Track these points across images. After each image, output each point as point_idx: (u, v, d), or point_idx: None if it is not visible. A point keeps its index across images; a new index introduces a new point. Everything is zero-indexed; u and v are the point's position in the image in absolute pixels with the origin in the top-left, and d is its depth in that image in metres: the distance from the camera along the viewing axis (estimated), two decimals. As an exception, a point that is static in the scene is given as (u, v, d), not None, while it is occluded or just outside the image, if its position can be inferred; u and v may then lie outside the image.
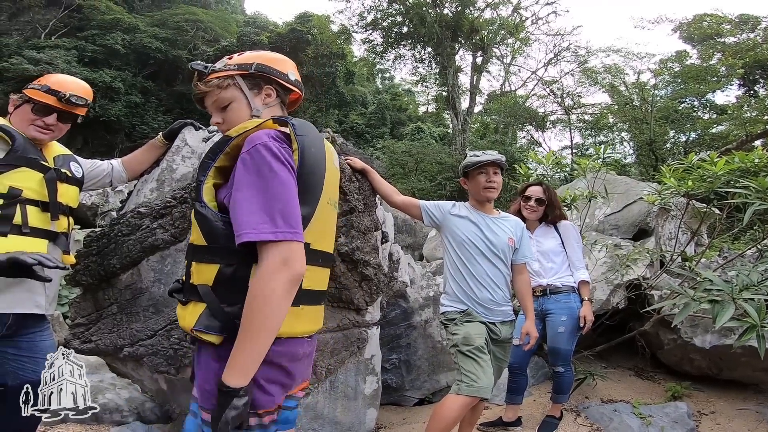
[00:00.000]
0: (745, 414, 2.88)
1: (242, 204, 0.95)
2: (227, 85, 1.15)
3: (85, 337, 1.97)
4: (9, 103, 1.68)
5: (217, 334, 0.98)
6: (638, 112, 13.90)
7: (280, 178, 0.97)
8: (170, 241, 1.99)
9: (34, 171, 1.56)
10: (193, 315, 1.00)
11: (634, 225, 4.22)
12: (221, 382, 0.92)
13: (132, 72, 21.78)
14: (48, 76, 1.72)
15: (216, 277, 0.99)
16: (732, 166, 2.68)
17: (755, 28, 15.06)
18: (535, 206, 2.72)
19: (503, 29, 18.94)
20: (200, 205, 1.01)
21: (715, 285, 2.09)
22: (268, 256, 0.93)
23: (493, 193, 2.17)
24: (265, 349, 0.95)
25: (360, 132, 23.02)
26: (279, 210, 0.95)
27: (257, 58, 1.19)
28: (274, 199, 0.95)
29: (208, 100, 1.20)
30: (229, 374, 0.93)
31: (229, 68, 1.17)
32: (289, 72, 1.23)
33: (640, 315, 3.32)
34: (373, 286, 2.23)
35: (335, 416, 2.23)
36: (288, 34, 22.93)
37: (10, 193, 1.48)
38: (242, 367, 0.93)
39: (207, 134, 2.25)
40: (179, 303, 1.08)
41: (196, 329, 0.98)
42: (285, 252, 0.93)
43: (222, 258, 0.99)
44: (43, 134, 1.65)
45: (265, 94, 1.19)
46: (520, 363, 2.73)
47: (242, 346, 0.93)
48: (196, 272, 1.03)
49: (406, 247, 7.23)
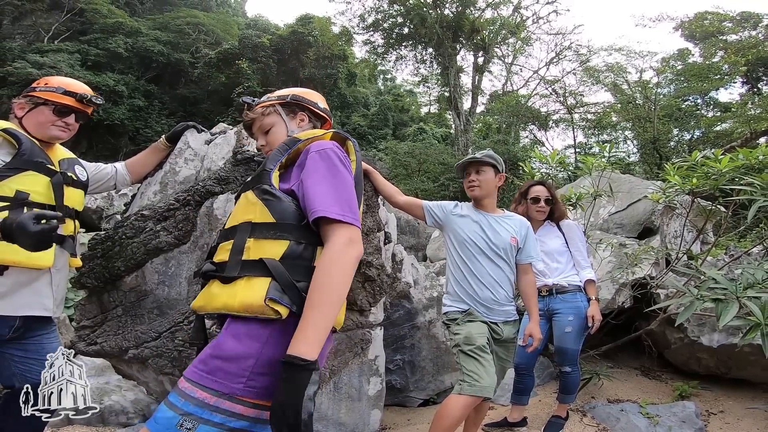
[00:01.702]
0: (755, 413, 2.86)
1: (315, 190, 1.07)
2: (269, 112, 1.37)
3: (90, 340, 1.97)
4: (14, 108, 1.68)
5: (288, 306, 0.99)
6: (641, 111, 13.85)
7: (345, 176, 1.13)
8: (174, 243, 1.99)
9: (41, 175, 1.57)
10: (251, 289, 1.00)
11: (639, 223, 4.20)
12: (294, 356, 0.90)
13: (135, 75, 21.89)
14: (48, 78, 1.73)
15: (285, 252, 1.05)
16: (737, 164, 2.66)
17: (757, 26, 15.01)
18: (544, 207, 2.70)
19: (504, 29, 18.93)
20: (272, 187, 1.12)
21: (719, 284, 2.07)
22: (337, 235, 1.03)
23: (474, 191, 2.19)
24: (333, 320, 0.98)
25: (362, 133, 23.02)
26: (345, 199, 1.08)
27: (292, 91, 1.42)
28: (340, 191, 1.09)
29: (254, 126, 1.40)
30: (303, 345, 0.91)
31: (270, 99, 1.41)
32: (318, 101, 1.45)
33: (647, 314, 3.30)
34: (376, 287, 2.23)
35: (339, 417, 2.23)
36: (289, 36, 23.00)
37: (17, 196, 1.49)
38: (316, 337, 0.93)
39: (209, 137, 2.26)
40: (216, 283, 1.07)
41: (271, 297, 0.98)
42: (350, 233, 1.04)
43: (292, 235, 1.07)
44: (64, 133, 1.68)
45: (299, 119, 1.39)
46: (527, 363, 2.71)
47: (316, 315, 0.95)
48: (255, 247, 1.06)
49: (410, 247, 7.23)
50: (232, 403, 0.94)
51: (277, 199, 1.10)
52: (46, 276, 1.58)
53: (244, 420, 0.96)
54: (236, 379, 0.95)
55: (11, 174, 1.49)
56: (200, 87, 23.84)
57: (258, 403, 0.97)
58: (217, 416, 0.93)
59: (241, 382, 0.95)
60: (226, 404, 0.94)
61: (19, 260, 1.46)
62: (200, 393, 0.95)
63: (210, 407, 0.94)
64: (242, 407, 0.95)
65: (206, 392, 0.95)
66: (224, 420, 0.94)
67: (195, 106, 23.30)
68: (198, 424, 0.92)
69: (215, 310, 1.06)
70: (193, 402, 0.94)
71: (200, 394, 0.95)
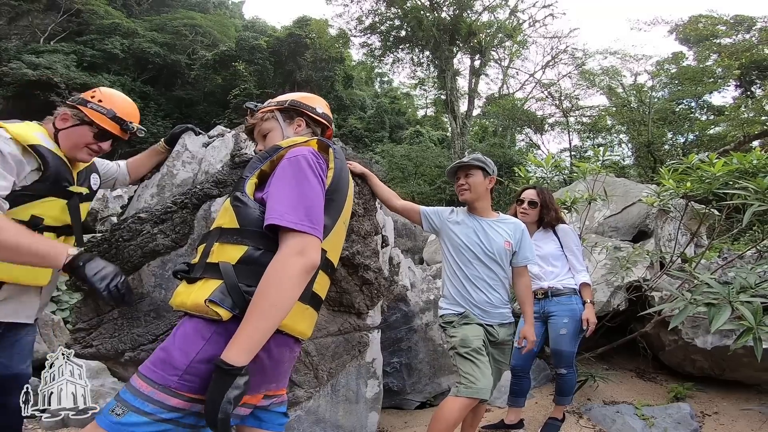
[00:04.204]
0: (749, 414, 2.88)
1: (275, 196, 1.08)
2: (268, 118, 1.39)
3: (86, 342, 1.96)
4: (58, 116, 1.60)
5: (228, 309, 1.00)
6: (636, 114, 13.94)
7: (311, 184, 1.11)
8: (171, 246, 1.99)
9: (59, 199, 1.55)
10: (204, 289, 1.03)
11: (634, 227, 4.23)
12: (221, 360, 0.93)
13: (131, 77, 21.83)
14: (102, 93, 1.66)
15: (241, 257, 1.06)
16: (730, 167, 2.69)
17: (750, 29, 15.14)
18: (527, 209, 2.73)
19: (501, 32, 19.01)
20: (242, 194, 1.14)
21: (713, 288, 2.09)
22: (288, 243, 1.03)
23: (464, 194, 2.22)
24: (271, 330, 0.98)
25: (359, 136, 23.04)
26: (305, 207, 1.07)
27: (291, 96, 1.44)
28: (302, 198, 1.08)
29: (255, 130, 1.43)
30: (234, 351, 0.94)
31: (270, 105, 1.43)
32: (317, 106, 1.45)
33: (641, 317, 3.32)
34: (373, 290, 2.23)
35: (337, 420, 2.23)
36: (286, 38, 23.03)
37: (32, 221, 1.47)
38: (247, 345, 0.95)
39: (207, 139, 2.26)
40: (184, 282, 1.11)
41: (211, 299, 1.00)
42: (303, 242, 1.03)
43: (252, 240, 1.08)
44: (91, 157, 1.65)
45: (296, 125, 1.40)
46: (523, 365, 2.72)
47: (251, 323, 0.96)
48: (218, 251, 1.09)
49: (406, 250, 7.23)
50: (165, 395, 0.96)
51: (244, 206, 1.12)
52: (36, 288, 1.58)
53: (178, 412, 0.97)
54: (172, 372, 0.97)
55: (31, 200, 1.46)
56: (196, 89, 23.81)
57: (194, 398, 0.98)
58: (148, 406, 0.95)
59: (177, 375, 0.97)
60: (160, 395, 0.96)
61: (17, 278, 1.46)
62: (139, 382, 0.98)
63: (143, 396, 0.96)
64: (177, 400, 0.97)
65: (144, 381, 0.98)
66: (156, 410, 0.95)
67: (191, 107, 23.25)
68: (127, 411, 0.94)
69: (176, 307, 1.10)
70: (130, 390, 0.98)
71: (138, 383, 0.98)
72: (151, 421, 0.94)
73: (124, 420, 0.93)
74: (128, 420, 0.93)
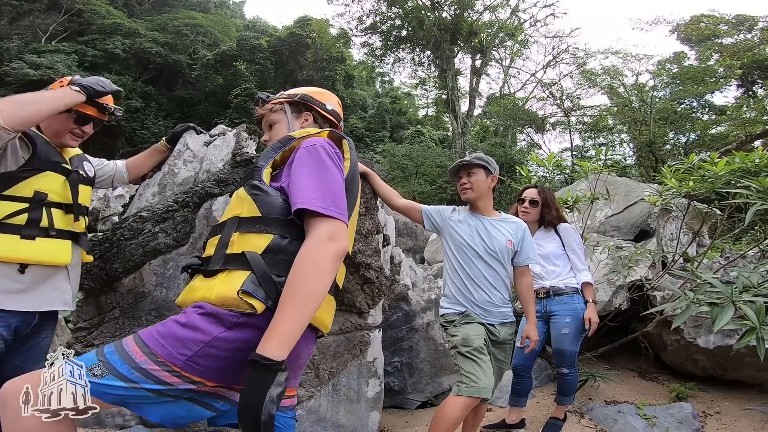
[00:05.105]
0: (751, 414, 2.87)
1: (300, 184, 1.06)
2: (276, 109, 1.40)
3: (87, 341, 1.97)
4: None
5: (262, 301, 0.96)
6: (637, 114, 13.91)
7: (333, 172, 1.10)
8: (172, 245, 1.99)
9: (57, 174, 1.57)
10: (229, 281, 0.98)
11: (636, 226, 4.22)
12: (259, 355, 0.86)
13: (132, 76, 21.84)
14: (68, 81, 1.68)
15: (268, 246, 1.03)
16: (732, 167, 2.68)
17: (752, 29, 15.11)
18: (528, 208, 2.73)
19: (502, 32, 19.00)
20: (260, 182, 1.12)
21: (715, 287, 2.08)
22: (318, 228, 1.00)
23: (467, 193, 2.21)
24: (309, 320, 0.93)
25: (360, 136, 23.05)
26: (330, 193, 1.05)
27: (303, 90, 1.44)
28: (326, 185, 1.06)
29: (263, 121, 1.42)
30: (273, 344, 0.87)
31: (281, 97, 1.43)
32: (328, 103, 1.45)
33: (643, 316, 3.31)
34: (375, 289, 2.23)
35: (338, 419, 2.22)
36: (287, 38, 23.04)
37: (36, 197, 1.49)
38: (287, 336, 0.89)
39: (208, 138, 2.26)
40: (199, 277, 1.06)
41: (245, 290, 0.95)
42: (333, 228, 1.00)
43: (277, 228, 1.05)
44: (76, 142, 1.68)
45: (303, 119, 1.39)
46: (525, 365, 2.72)
47: (289, 313, 0.90)
48: (239, 241, 1.04)
49: (408, 250, 7.23)
50: (163, 371, 0.91)
51: (264, 194, 1.09)
52: (63, 272, 1.59)
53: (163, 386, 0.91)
54: (181, 350, 0.92)
55: (30, 175, 1.49)
56: (197, 88, 23.83)
57: (195, 380, 0.93)
58: (134, 374, 0.90)
59: (185, 355, 0.91)
60: (154, 368, 0.90)
61: (38, 258, 1.46)
62: (133, 347, 0.92)
63: (132, 363, 0.90)
64: (176, 379, 0.91)
65: (141, 349, 0.92)
66: (140, 379, 0.90)
67: (192, 107, 23.27)
68: (107, 373, 0.90)
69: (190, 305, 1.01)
70: (119, 353, 0.92)
71: (133, 348, 0.92)
72: (129, 386, 0.89)
73: (101, 381, 0.89)
74: (105, 382, 0.89)
